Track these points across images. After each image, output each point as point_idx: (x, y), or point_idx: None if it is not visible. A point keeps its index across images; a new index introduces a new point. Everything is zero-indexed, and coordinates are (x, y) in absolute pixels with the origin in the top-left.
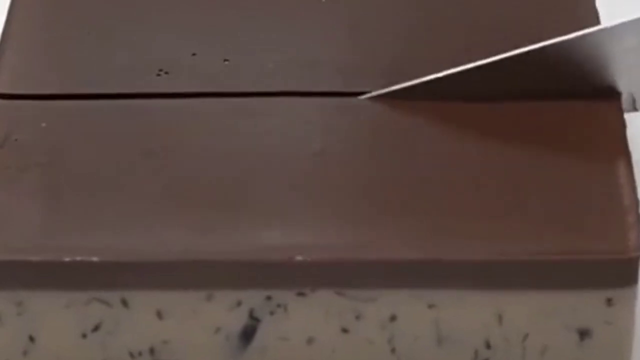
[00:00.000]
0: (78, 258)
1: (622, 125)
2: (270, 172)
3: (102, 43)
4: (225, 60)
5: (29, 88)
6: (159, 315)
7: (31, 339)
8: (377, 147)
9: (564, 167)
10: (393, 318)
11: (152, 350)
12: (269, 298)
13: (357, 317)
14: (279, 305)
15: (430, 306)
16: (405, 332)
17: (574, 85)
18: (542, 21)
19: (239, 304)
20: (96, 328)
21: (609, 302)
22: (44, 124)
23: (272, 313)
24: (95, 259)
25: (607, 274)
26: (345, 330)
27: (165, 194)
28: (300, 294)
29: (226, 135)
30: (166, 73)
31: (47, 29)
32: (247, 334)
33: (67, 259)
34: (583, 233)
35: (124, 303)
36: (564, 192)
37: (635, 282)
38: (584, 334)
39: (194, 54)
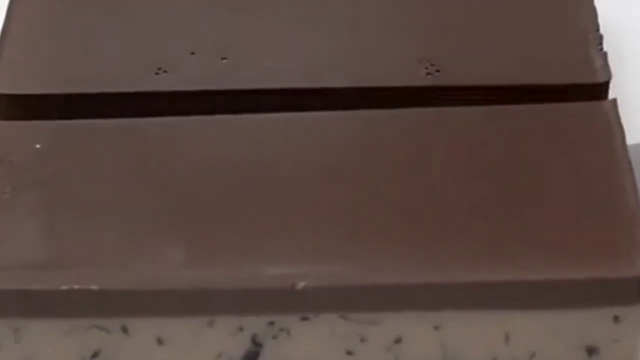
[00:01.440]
0: (76, 287)
1: (622, 134)
2: (272, 195)
3: (100, 42)
4: (223, 58)
5: (28, 88)
6: (160, 341)
7: None
8: (380, 167)
9: (566, 183)
10: (398, 340)
11: None
12: (271, 323)
13: (362, 340)
14: (282, 330)
15: (436, 327)
16: (411, 354)
17: None
18: (541, 21)
19: (241, 329)
20: (95, 355)
21: (616, 319)
22: (38, 145)
23: (274, 337)
24: (94, 287)
25: (614, 292)
26: (350, 353)
27: (165, 218)
28: (304, 318)
29: (227, 156)
30: (165, 72)
31: (45, 29)
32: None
33: (65, 287)
34: (589, 251)
35: (124, 330)
36: (568, 209)
37: None
38: (591, 352)
39: (192, 53)
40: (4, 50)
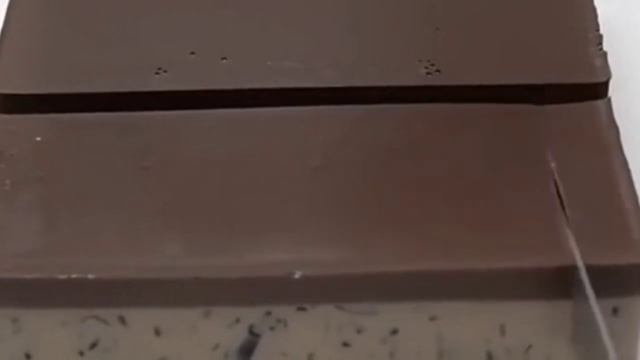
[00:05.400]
0: (74, 276)
1: (617, 132)
2: (269, 187)
3: (100, 42)
4: (223, 58)
5: (27, 87)
6: (157, 332)
7: (27, 356)
8: (376, 160)
9: (561, 177)
10: (394, 331)
11: None
12: (268, 313)
13: (358, 331)
14: (278, 321)
15: (432, 318)
16: (407, 345)
17: None
18: (541, 21)
19: (237, 320)
20: (93, 345)
21: (615, 311)
22: (38, 138)
23: (272, 328)
24: (91, 276)
25: (612, 283)
26: (346, 345)
27: (163, 210)
28: (301, 309)
29: (224, 149)
30: (165, 72)
31: (45, 29)
32: (247, 350)
33: (62, 277)
34: (586, 242)
35: (122, 320)
36: (565, 204)
37: None
38: None
39: (192, 53)
40: (4, 50)
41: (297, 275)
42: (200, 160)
